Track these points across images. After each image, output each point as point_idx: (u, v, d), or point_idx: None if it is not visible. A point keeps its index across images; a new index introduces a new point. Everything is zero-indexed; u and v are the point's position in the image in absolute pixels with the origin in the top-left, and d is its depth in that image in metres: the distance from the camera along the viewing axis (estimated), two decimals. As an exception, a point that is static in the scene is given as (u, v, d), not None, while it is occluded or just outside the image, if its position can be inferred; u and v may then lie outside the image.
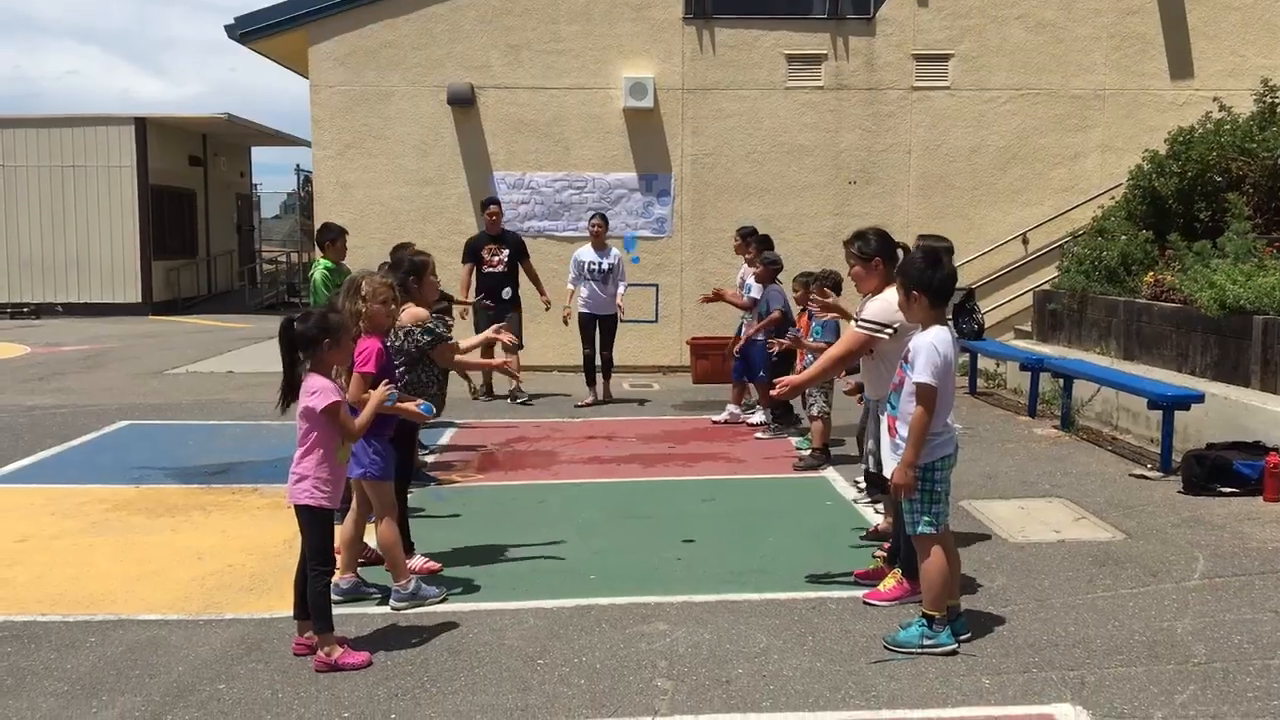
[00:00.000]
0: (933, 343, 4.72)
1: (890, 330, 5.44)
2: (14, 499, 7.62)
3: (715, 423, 10.34)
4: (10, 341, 17.72)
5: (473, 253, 11.61)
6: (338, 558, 5.24)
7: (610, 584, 5.74)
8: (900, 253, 5.45)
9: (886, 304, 5.45)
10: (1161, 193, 11.63)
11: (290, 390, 4.71)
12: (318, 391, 4.66)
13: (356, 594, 5.48)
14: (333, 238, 9.63)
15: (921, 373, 4.70)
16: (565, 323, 11.60)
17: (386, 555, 5.41)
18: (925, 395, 4.70)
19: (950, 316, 5.21)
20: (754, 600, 5.45)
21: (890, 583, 5.45)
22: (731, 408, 10.40)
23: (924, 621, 4.78)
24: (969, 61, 13.95)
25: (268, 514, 7.11)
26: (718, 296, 10.44)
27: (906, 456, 4.80)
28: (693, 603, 5.42)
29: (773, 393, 5.75)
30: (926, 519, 4.82)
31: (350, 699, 4.35)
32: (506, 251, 11.58)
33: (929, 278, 4.79)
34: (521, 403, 11.52)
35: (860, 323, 5.60)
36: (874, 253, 5.65)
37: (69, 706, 4.31)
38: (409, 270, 6.19)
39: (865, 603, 5.39)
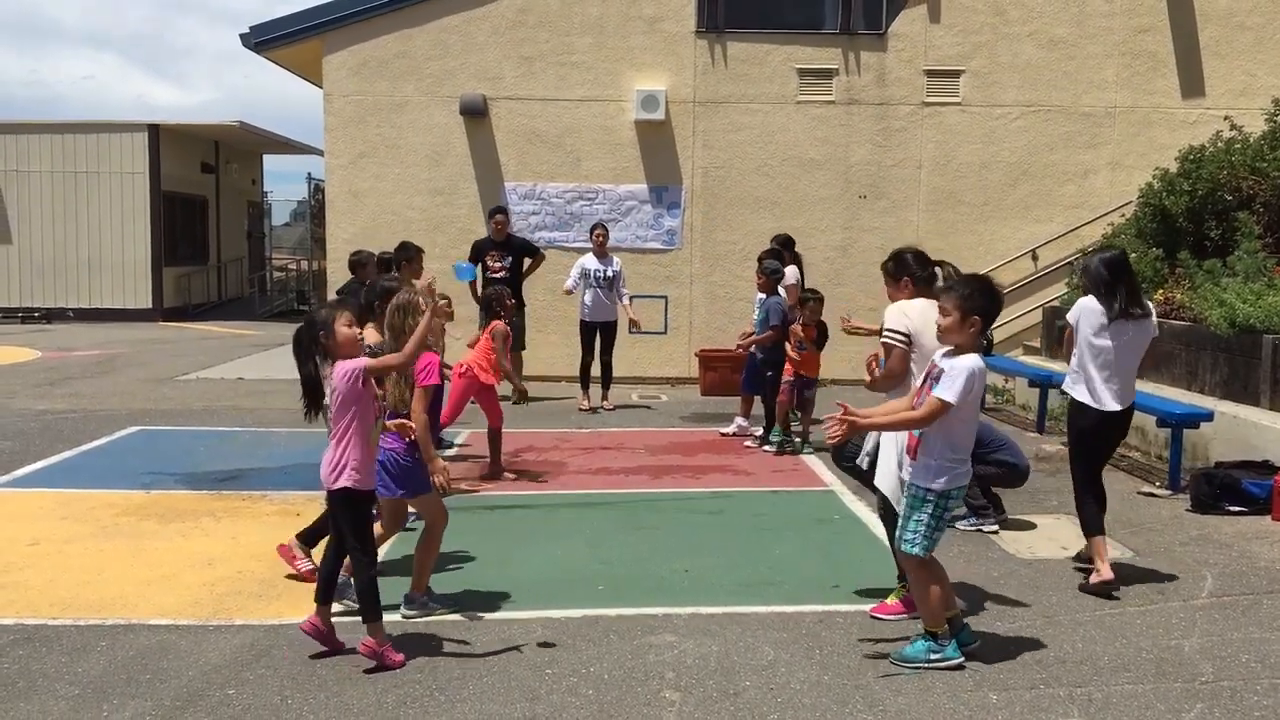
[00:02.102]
0: (974, 369, 4.65)
1: (906, 339, 5.41)
2: (25, 503, 7.67)
3: (723, 435, 10.36)
4: (21, 346, 17.80)
5: (478, 256, 12.04)
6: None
7: (618, 594, 5.75)
8: (938, 270, 5.49)
9: (899, 312, 5.44)
10: (1172, 211, 11.63)
11: (312, 395, 4.81)
12: (345, 374, 4.77)
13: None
14: (409, 257, 9.68)
15: (946, 391, 4.60)
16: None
17: (416, 561, 5.43)
18: (937, 410, 4.63)
19: None
20: (762, 613, 5.47)
21: (897, 597, 5.47)
22: (740, 420, 10.41)
23: (928, 638, 4.79)
24: (980, 77, 13.98)
25: (278, 520, 7.13)
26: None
27: (877, 421, 4.84)
28: (700, 614, 5.43)
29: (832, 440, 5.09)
30: (925, 543, 4.76)
31: (359, 706, 4.37)
32: (509, 259, 12.08)
33: (991, 307, 4.75)
34: (515, 403, 11.88)
35: (886, 333, 5.48)
36: (902, 273, 5.61)
37: (79, 710, 4.34)
38: (378, 294, 6.27)
39: (872, 616, 5.41)
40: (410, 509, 5.81)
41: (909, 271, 5.60)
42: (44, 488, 8.11)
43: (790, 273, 10.67)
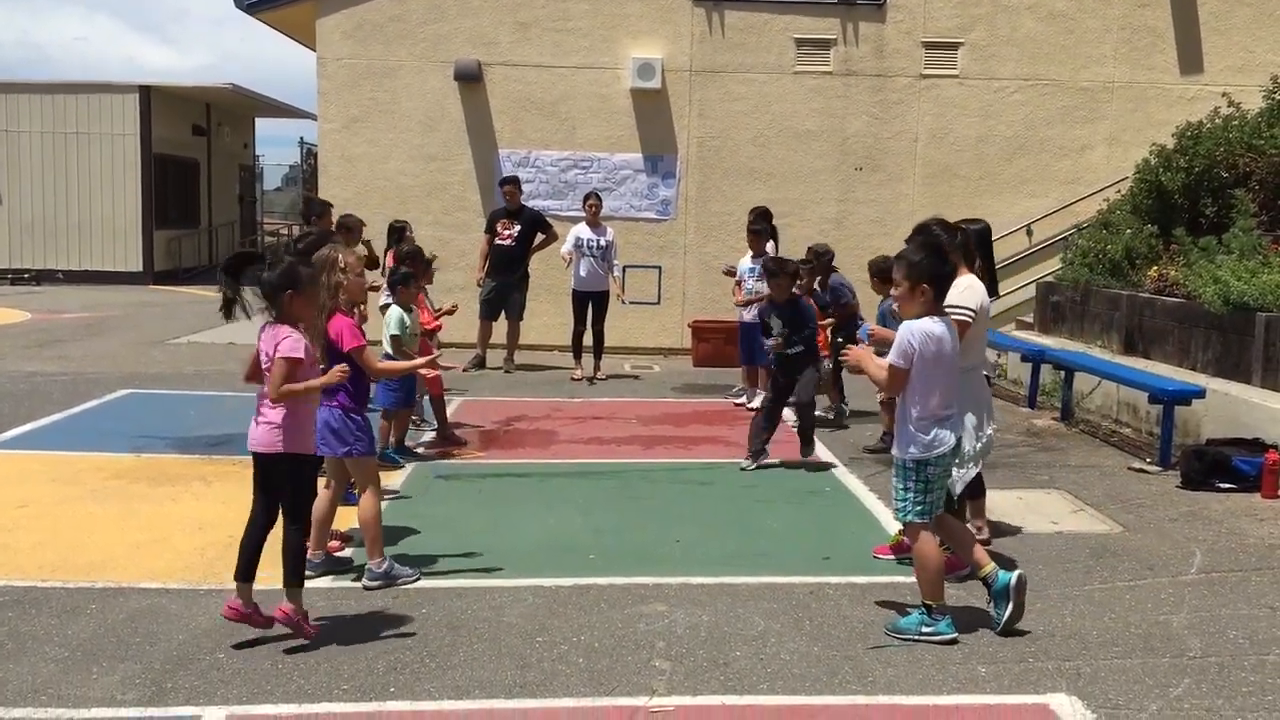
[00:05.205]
0: (915, 330, 4.73)
1: (973, 313, 5.42)
2: (15, 465, 7.64)
3: (744, 408, 10.21)
4: (11, 307, 17.70)
5: (490, 224, 12.29)
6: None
7: (609, 564, 5.76)
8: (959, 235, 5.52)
9: (972, 289, 5.47)
10: (1168, 187, 11.59)
11: (228, 306, 4.68)
12: (288, 338, 4.60)
13: (327, 569, 5.44)
14: (350, 227, 10.01)
15: (892, 354, 4.78)
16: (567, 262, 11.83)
17: (365, 532, 5.36)
18: (890, 375, 4.80)
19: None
20: (752, 583, 5.47)
21: (895, 540, 5.83)
22: (757, 393, 10.33)
23: (923, 610, 4.80)
24: (979, 50, 13.90)
25: (268, 486, 7.11)
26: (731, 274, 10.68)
27: (868, 364, 4.92)
28: (691, 584, 5.44)
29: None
30: (914, 510, 4.82)
31: (349, 671, 4.37)
32: (518, 227, 12.16)
33: (940, 269, 4.79)
34: (506, 372, 12.15)
35: (956, 308, 5.29)
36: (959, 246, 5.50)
37: (69, 672, 4.33)
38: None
39: (875, 556, 5.84)
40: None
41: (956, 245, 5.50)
42: (33, 450, 8.08)
43: (768, 248, 10.65)
